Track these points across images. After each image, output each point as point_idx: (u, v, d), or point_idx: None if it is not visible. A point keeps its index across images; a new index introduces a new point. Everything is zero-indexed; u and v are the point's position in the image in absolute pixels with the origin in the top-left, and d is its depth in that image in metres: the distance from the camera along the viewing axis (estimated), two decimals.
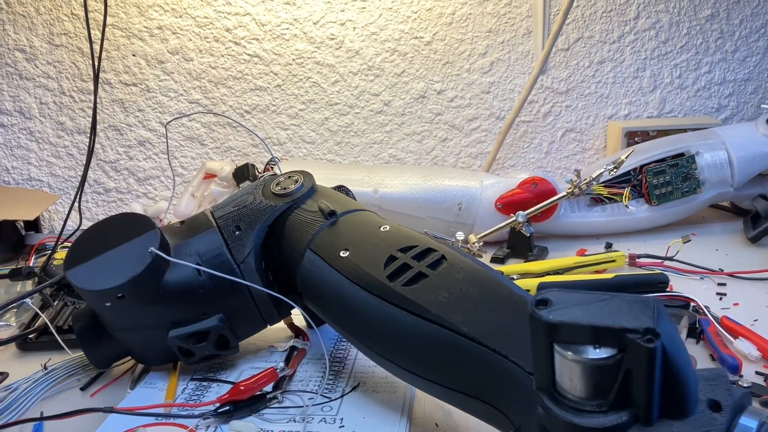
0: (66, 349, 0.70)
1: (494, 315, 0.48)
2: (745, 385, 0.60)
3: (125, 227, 0.61)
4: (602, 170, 0.85)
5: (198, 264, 0.61)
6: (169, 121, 1.07)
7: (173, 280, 0.60)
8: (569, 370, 0.39)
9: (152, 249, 0.59)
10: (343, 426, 0.57)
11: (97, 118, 1.08)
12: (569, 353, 0.38)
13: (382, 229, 0.59)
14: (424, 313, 0.50)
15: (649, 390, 0.37)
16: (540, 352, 0.39)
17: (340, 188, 0.71)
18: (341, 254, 0.58)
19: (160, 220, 0.98)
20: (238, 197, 0.67)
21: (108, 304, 0.59)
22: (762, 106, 1.18)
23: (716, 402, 0.39)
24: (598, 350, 0.38)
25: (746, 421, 0.39)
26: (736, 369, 0.62)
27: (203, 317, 0.62)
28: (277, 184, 0.67)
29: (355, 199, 0.71)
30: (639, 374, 0.37)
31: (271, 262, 0.67)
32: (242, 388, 0.58)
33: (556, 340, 0.39)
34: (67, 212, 0.95)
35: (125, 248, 0.59)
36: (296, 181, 0.67)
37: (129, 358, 0.68)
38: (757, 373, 0.62)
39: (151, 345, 0.63)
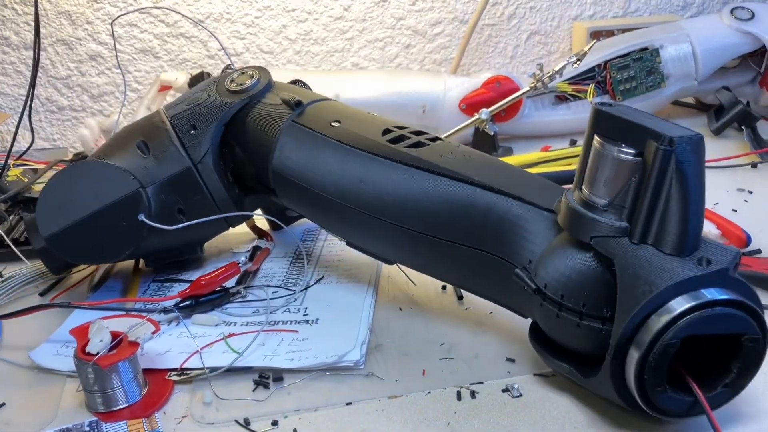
0: (23, 259, 0.68)
1: (500, 171, 0.50)
2: None
3: (100, 180, 0.57)
4: (565, 62, 0.84)
5: (179, 209, 0.60)
6: (117, 17, 1.02)
7: (155, 235, 0.59)
8: (595, 162, 0.43)
9: (144, 219, 0.57)
10: (307, 314, 0.57)
11: (45, 31, 1.03)
12: (598, 141, 0.42)
13: (370, 114, 0.58)
14: (433, 168, 0.50)
15: (648, 200, 0.40)
16: (587, 144, 0.44)
17: (297, 82, 0.69)
18: (332, 124, 0.56)
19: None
20: (191, 95, 0.65)
21: None
22: None
23: (708, 259, 0.41)
24: (623, 146, 0.41)
25: (693, 294, 0.39)
26: None
27: (184, 249, 0.63)
28: (232, 81, 0.65)
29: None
30: (645, 180, 0.40)
31: (232, 162, 0.65)
32: (203, 282, 0.58)
33: (597, 130, 0.43)
34: (15, 129, 0.92)
35: (109, 212, 0.56)
36: (252, 77, 0.64)
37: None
38: None
39: None
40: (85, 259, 0.59)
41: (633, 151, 0.41)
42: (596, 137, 0.43)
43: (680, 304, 0.39)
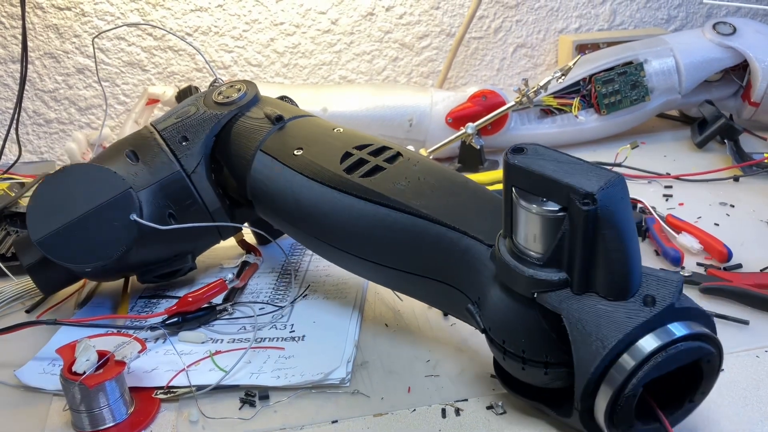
0: (10, 275, 0.68)
1: (452, 198, 0.49)
2: (686, 274, 0.61)
3: (90, 183, 0.57)
4: (550, 77, 0.85)
5: (170, 214, 0.60)
6: (98, 35, 1.02)
7: (148, 236, 0.58)
8: (519, 216, 0.41)
9: (135, 218, 0.56)
10: (294, 331, 0.57)
11: (32, 45, 1.03)
12: (521, 200, 0.41)
13: (335, 131, 0.59)
14: (384, 200, 0.50)
15: (581, 254, 0.39)
16: (506, 196, 0.42)
17: (284, 98, 0.69)
18: (295, 152, 0.57)
19: (102, 147, 0.95)
20: (179, 109, 0.65)
21: (88, 270, 0.57)
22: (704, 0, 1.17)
23: (652, 298, 0.39)
24: (545, 203, 0.40)
25: (645, 341, 0.39)
26: (678, 261, 0.63)
27: (175, 259, 0.62)
28: (219, 94, 0.65)
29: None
30: (574, 235, 0.39)
31: (219, 174, 0.66)
32: (190, 299, 0.58)
33: (514, 184, 0.41)
34: (2, 142, 0.92)
35: (100, 214, 0.56)
36: (239, 90, 0.65)
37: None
38: (698, 264, 0.64)
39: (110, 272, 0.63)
40: (78, 261, 0.56)
41: (556, 208, 0.39)
42: (515, 193, 0.41)
43: (632, 359, 0.38)
